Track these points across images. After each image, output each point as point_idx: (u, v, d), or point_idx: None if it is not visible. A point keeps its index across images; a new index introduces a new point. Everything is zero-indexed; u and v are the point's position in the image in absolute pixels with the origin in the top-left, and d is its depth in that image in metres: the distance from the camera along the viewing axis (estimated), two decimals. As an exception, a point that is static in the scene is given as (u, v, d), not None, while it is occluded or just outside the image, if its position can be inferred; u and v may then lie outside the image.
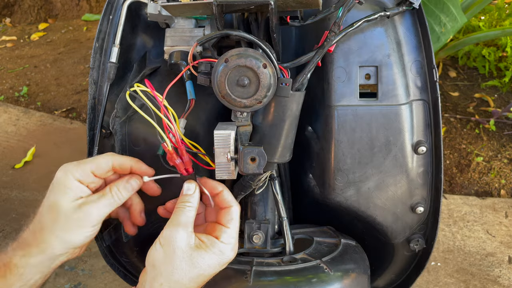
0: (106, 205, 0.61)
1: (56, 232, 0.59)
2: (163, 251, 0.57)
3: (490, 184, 1.78)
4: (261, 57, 0.59)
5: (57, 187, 0.61)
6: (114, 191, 0.63)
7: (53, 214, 0.59)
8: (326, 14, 0.68)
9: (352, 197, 0.73)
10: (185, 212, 0.60)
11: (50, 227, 0.59)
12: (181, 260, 0.57)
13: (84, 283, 1.45)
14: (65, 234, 0.59)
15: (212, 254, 0.59)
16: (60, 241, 0.59)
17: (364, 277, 0.70)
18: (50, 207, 0.60)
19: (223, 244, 0.60)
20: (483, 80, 2.24)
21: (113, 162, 0.64)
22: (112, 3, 0.78)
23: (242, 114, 0.63)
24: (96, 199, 0.61)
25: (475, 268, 1.46)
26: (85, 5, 3.47)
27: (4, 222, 1.70)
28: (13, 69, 2.83)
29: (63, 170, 0.62)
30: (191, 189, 0.62)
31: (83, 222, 0.59)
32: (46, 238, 0.59)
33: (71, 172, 0.61)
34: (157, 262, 0.57)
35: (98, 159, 0.64)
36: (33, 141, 2.15)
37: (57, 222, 0.59)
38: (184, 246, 0.58)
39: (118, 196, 0.63)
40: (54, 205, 0.59)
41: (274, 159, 0.65)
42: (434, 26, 1.49)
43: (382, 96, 0.70)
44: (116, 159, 0.64)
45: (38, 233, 0.59)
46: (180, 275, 0.57)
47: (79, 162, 0.63)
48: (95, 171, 0.63)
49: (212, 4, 0.58)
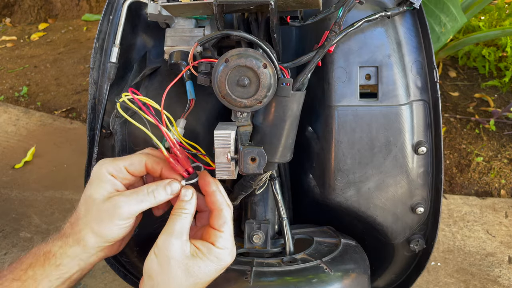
0: (138, 201, 0.60)
1: (89, 224, 0.59)
2: (157, 262, 0.57)
3: (490, 184, 1.78)
4: (261, 57, 0.59)
5: (93, 180, 0.61)
6: (152, 189, 0.61)
7: (87, 206, 0.60)
8: (326, 14, 0.68)
9: (352, 197, 0.73)
10: (180, 220, 0.59)
11: (83, 218, 0.60)
12: (176, 270, 0.57)
13: (84, 283, 1.45)
14: (97, 225, 0.59)
15: (208, 261, 0.58)
16: (94, 233, 0.59)
17: (364, 277, 0.70)
18: (85, 200, 0.61)
19: (219, 249, 0.59)
20: (483, 80, 2.24)
21: (146, 161, 0.63)
22: (112, 3, 0.78)
23: (242, 114, 0.63)
24: (128, 194, 0.60)
25: (475, 268, 1.46)
26: (85, 5, 3.47)
27: (4, 222, 1.70)
28: (13, 69, 2.83)
29: (99, 165, 0.62)
30: (188, 195, 0.61)
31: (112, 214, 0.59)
32: (81, 229, 0.60)
33: (105, 166, 0.61)
34: (153, 272, 0.57)
35: (132, 156, 0.64)
36: (33, 141, 2.15)
37: (90, 212, 0.59)
38: (178, 256, 0.57)
39: (155, 195, 0.61)
40: (88, 198, 0.60)
41: (275, 159, 0.65)
42: (434, 26, 1.49)
43: (382, 96, 0.70)
44: (149, 160, 0.63)
45: (74, 224, 0.60)
46: (177, 284, 0.57)
47: (115, 158, 0.63)
48: (128, 167, 0.62)
49: (212, 4, 0.58)
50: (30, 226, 1.68)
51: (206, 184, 0.63)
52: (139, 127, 0.60)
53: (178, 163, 0.62)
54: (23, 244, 1.61)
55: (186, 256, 0.58)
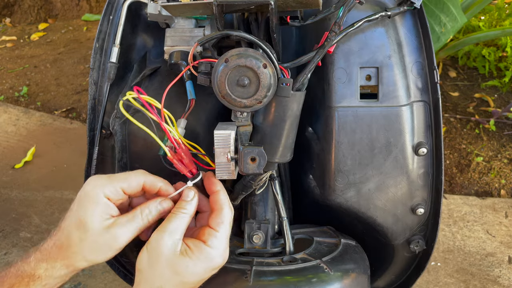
0: (135, 228, 0.59)
1: (82, 253, 0.57)
2: (148, 257, 0.57)
3: (490, 184, 1.78)
4: (261, 57, 0.59)
5: (86, 202, 0.58)
6: (146, 213, 0.60)
7: (80, 233, 0.57)
8: (326, 14, 0.68)
9: (352, 198, 0.73)
10: (177, 219, 0.59)
11: (76, 246, 0.57)
12: (164, 267, 0.56)
13: (84, 283, 1.45)
14: (92, 255, 0.58)
15: (197, 260, 0.58)
16: (86, 260, 0.58)
17: (364, 277, 0.70)
18: (78, 224, 0.58)
19: (209, 249, 0.58)
20: (483, 80, 2.24)
21: (144, 181, 0.62)
22: (112, 3, 0.78)
23: (242, 114, 0.63)
24: (126, 222, 0.58)
25: (475, 268, 1.46)
26: (85, 5, 3.47)
27: (4, 222, 1.70)
28: (13, 69, 2.83)
29: (92, 185, 0.59)
30: (190, 196, 0.61)
31: (110, 246, 0.58)
32: (72, 256, 0.58)
33: (101, 188, 0.58)
34: (142, 267, 0.57)
35: (130, 177, 0.61)
36: (33, 141, 2.15)
37: (84, 242, 0.57)
38: (168, 253, 0.57)
39: (148, 218, 0.60)
40: (82, 223, 0.57)
41: (275, 159, 0.65)
42: (434, 26, 1.48)
43: (382, 97, 0.70)
44: (148, 179, 0.62)
45: (64, 250, 0.58)
46: (162, 282, 0.56)
47: (110, 177, 0.60)
48: (125, 189, 0.60)
49: (212, 4, 0.58)
50: (30, 226, 1.68)
51: (211, 184, 0.63)
52: (142, 128, 0.59)
53: (182, 164, 0.62)
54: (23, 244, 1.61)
55: (176, 254, 0.57)
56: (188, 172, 0.62)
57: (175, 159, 0.61)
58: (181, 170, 0.62)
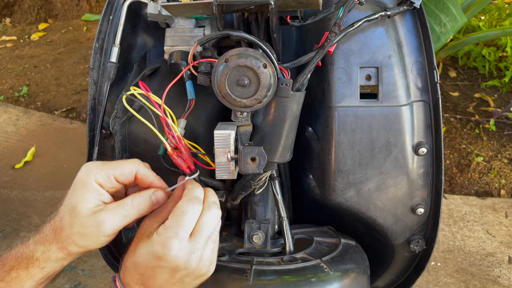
0: (123, 216, 0.59)
1: (72, 236, 0.59)
2: None
3: (490, 184, 1.78)
4: (261, 57, 0.59)
5: (78, 187, 0.59)
6: (137, 202, 0.60)
7: (71, 217, 0.58)
8: (326, 14, 0.68)
9: (352, 198, 0.73)
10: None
11: (68, 229, 0.59)
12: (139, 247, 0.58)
13: (84, 283, 1.45)
14: (80, 239, 0.59)
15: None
16: (76, 245, 0.59)
17: (363, 277, 0.70)
18: (69, 209, 0.59)
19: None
20: (483, 80, 2.24)
21: (137, 171, 0.62)
22: (112, 3, 0.78)
23: (242, 114, 0.63)
24: (113, 208, 0.59)
25: (475, 268, 1.46)
26: (85, 5, 3.47)
27: (4, 222, 1.70)
28: (13, 69, 2.83)
29: (85, 171, 0.60)
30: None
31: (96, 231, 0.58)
32: (64, 239, 0.59)
33: (93, 174, 0.59)
34: None
35: (123, 164, 0.61)
36: (33, 141, 2.15)
37: (74, 226, 0.58)
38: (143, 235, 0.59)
39: (139, 208, 0.60)
40: (73, 207, 0.59)
41: (274, 159, 0.65)
42: (434, 26, 1.49)
43: (382, 97, 0.70)
44: (141, 169, 0.62)
45: (58, 233, 0.59)
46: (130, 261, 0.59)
47: (103, 164, 0.61)
48: (118, 177, 0.61)
49: (212, 4, 0.58)
50: (30, 226, 1.68)
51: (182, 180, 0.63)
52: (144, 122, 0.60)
53: (181, 159, 0.62)
54: (23, 244, 1.61)
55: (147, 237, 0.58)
56: (186, 168, 0.63)
57: (175, 154, 0.61)
58: (180, 165, 0.62)
